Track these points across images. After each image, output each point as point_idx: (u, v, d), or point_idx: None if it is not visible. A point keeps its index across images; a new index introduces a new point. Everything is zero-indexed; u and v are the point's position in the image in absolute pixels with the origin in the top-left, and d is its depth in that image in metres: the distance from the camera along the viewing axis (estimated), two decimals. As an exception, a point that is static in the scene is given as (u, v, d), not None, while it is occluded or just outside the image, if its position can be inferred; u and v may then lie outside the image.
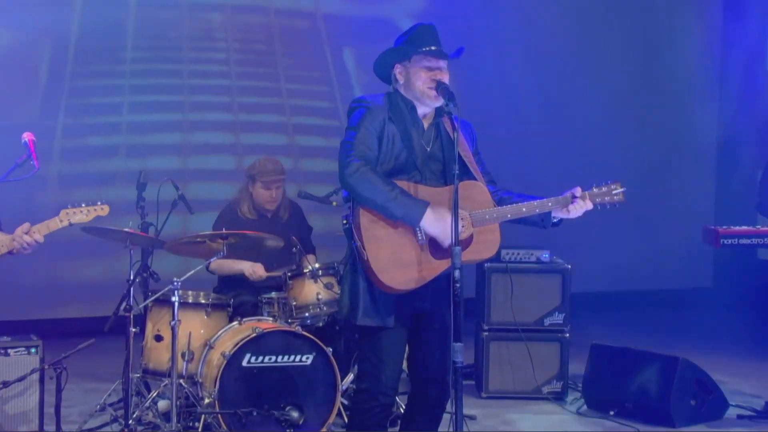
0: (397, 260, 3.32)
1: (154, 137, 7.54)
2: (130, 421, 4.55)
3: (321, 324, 4.99)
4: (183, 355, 4.74)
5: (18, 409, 4.40)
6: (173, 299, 4.55)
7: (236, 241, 4.74)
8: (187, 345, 4.76)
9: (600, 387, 5.27)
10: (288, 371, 4.52)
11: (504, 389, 5.52)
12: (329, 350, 4.58)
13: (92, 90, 7.39)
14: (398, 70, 3.52)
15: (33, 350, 4.44)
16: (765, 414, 5.12)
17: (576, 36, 8.65)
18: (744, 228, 5.03)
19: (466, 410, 3.29)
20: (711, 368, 5.23)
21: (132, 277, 4.76)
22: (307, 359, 4.55)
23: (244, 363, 4.48)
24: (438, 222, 3.30)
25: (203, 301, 4.91)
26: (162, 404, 4.82)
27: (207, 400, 4.50)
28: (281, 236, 5.00)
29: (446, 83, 3.44)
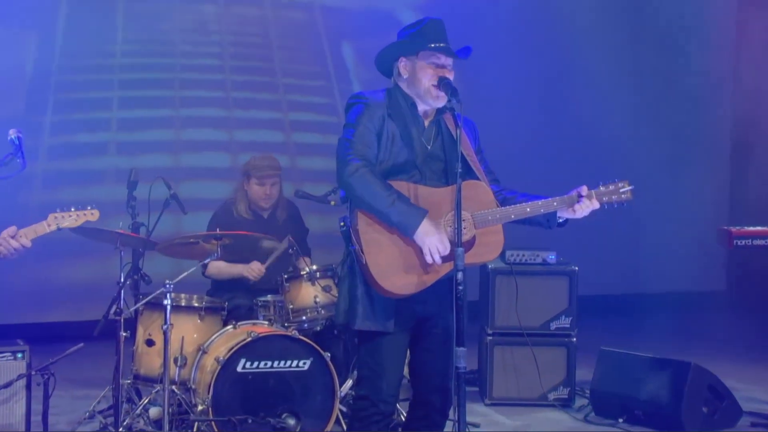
0: (397, 264, 3.34)
1: (146, 134, 7.56)
2: (121, 429, 4.56)
3: (319, 328, 5.00)
4: (175, 361, 4.75)
5: (4, 417, 4.40)
6: (165, 302, 4.57)
7: (231, 242, 4.75)
8: (180, 350, 4.77)
9: (608, 393, 5.28)
10: (284, 377, 4.54)
11: (508, 396, 5.54)
12: (327, 355, 4.59)
13: (80, 85, 7.41)
14: (403, 64, 3.51)
15: (19, 355, 4.44)
16: (780, 421, 5.14)
17: (584, 29, 8.66)
18: (758, 228, 5.03)
19: (469, 418, 3.30)
20: (724, 374, 5.25)
21: (122, 280, 4.78)
22: (305, 364, 4.56)
23: (239, 368, 4.50)
24: (433, 234, 3.29)
25: (196, 305, 4.93)
26: (153, 411, 4.83)
27: (200, 407, 4.51)
28: (278, 237, 5.01)
29: (449, 79, 3.45)
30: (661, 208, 8.69)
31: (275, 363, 4.53)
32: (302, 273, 5.00)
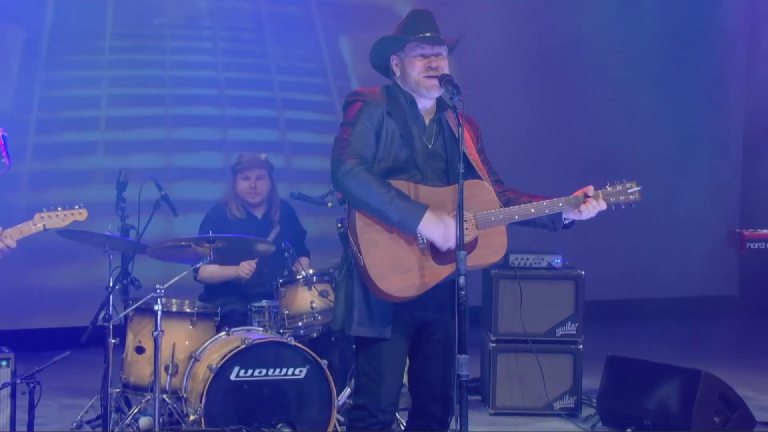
0: (396, 266, 3.33)
1: (135, 133, 7.56)
2: (109, 440, 4.57)
3: (315, 334, 5.00)
4: (166, 369, 4.75)
5: (-12, 427, 4.41)
6: (156, 308, 4.56)
7: (224, 245, 4.75)
8: (171, 357, 4.78)
9: (616, 402, 5.28)
10: (280, 385, 4.54)
11: (513, 405, 5.54)
12: (324, 363, 4.59)
13: (68, 82, 7.41)
14: (394, 62, 3.52)
15: (4, 363, 4.44)
16: (795, 432, 5.14)
17: (591, 26, 8.67)
18: (772, 231, 5.04)
19: (472, 428, 3.29)
20: (736, 382, 5.24)
21: (111, 285, 4.78)
22: (301, 372, 4.56)
23: (233, 377, 4.49)
24: (437, 226, 3.31)
25: (188, 310, 4.93)
26: (144, 421, 4.83)
27: (192, 417, 4.51)
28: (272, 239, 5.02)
29: (449, 73, 3.44)
30: (671, 210, 8.70)
31: (270, 371, 4.52)
32: (298, 277, 4.99)
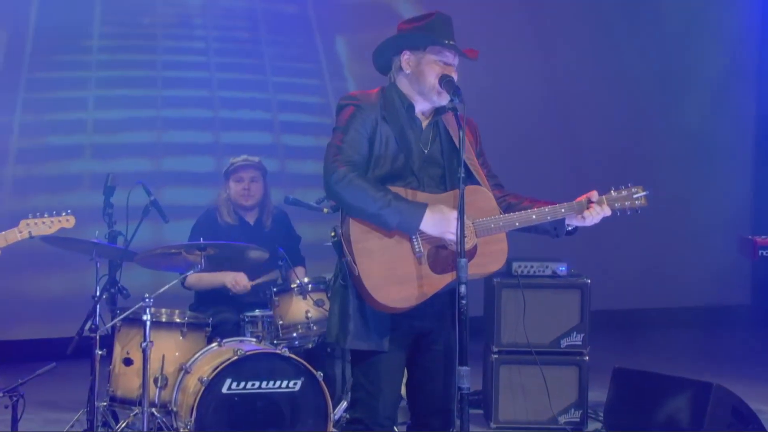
0: (393, 275, 3.33)
1: (124, 136, 7.56)
2: (96, 455, 4.56)
3: (311, 345, 5.00)
4: (155, 381, 4.74)
5: (-31, 442, 4.41)
6: (145, 318, 4.57)
7: (215, 253, 4.75)
8: (160, 369, 4.77)
9: (624, 416, 5.27)
10: (273, 399, 4.53)
11: (516, 419, 5.53)
12: (320, 375, 4.59)
13: (53, 83, 7.42)
14: (406, 57, 3.49)
15: (-14, 375, 4.45)
16: (809, 447, 5.13)
17: (597, 26, 8.69)
18: (785, 238, 5.04)
19: (473, 442, 3.30)
20: (748, 396, 5.24)
21: (98, 294, 4.77)
22: (295, 385, 4.56)
23: (224, 389, 4.49)
24: (441, 222, 3.30)
25: (178, 320, 4.92)
26: (131, 436, 4.83)
27: (182, 431, 4.51)
28: (265, 246, 5.01)
29: (450, 75, 3.45)
30: (680, 216, 8.70)
31: (263, 383, 4.52)
32: (293, 286, 5.00)
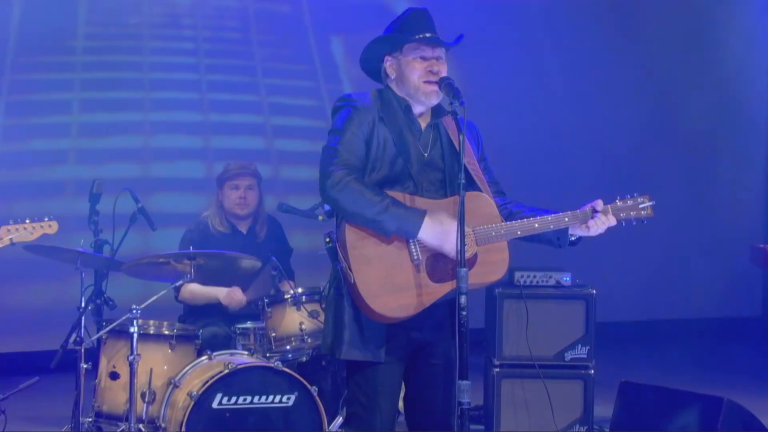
0: (390, 283, 3.33)
1: (110, 140, 7.56)
2: (81, 473, 4.56)
3: (305, 359, 5.00)
4: (143, 396, 4.74)
5: (-51, 459, 4.40)
6: (132, 330, 4.57)
7: (206, 262, 4.75)
8: (148, 384, 4.76)
9: (630, 432, 5.28)
10: (266, 414, 4.53)
11: (518, 435, 5.54)
12: (314, 389, 4.59)
13: (37, 85, 7.42)
14: (389, 63, 3.53)
15: (-33, 390, 4.45)
16: (823, 464, 5.14)
17: (602, 28, 8.70)
18: (798, 247, 5.07)
19: (474, 459, 3.30)
20: (761, 411, 5.24)
21: (83, 305, 4.77)
22: (289, 400, 4.56)
23: (215, 404, 4.49)
24: (440, 234, 3.31)
25: (167, 333, 4.92)
26: (118, 453, 4.83)
27: (171, 448, 4.51)
28: (258, 256, 5.02)
29: (449, 77, 3.46)
30: (689, 225, 8.71)
31: (255, 398, 4.52)
32: (286, 297, 5.00)
